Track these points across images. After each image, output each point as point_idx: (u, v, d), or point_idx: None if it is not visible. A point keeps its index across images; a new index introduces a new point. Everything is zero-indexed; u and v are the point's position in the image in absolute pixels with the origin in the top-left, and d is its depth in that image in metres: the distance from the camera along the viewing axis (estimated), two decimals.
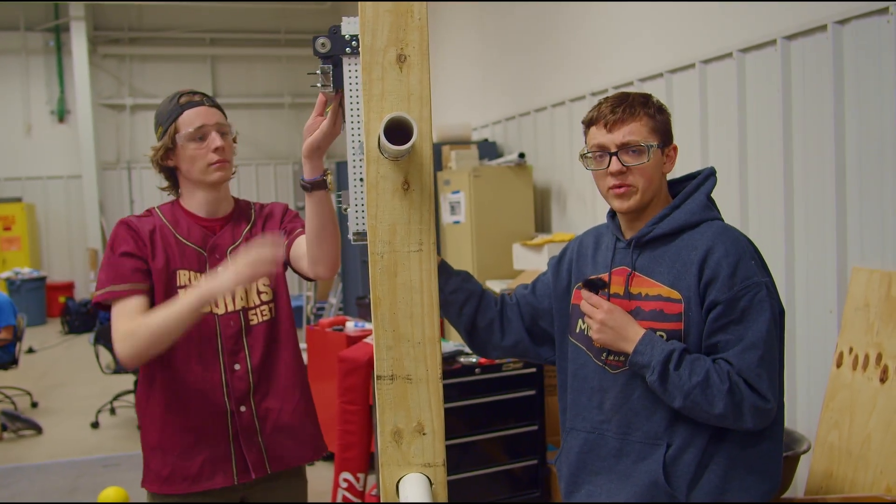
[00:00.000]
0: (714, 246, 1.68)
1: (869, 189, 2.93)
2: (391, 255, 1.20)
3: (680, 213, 1.75)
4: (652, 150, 1.72)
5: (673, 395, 1.64)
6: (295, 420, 2.12)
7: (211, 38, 13.40)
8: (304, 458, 2.15)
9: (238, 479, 2.03)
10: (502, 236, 5.59)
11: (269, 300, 2.10)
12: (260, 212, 2.19)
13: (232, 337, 2.04)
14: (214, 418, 2.03)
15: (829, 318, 3.09)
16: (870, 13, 2.88)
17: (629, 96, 1.77)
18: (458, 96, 7.95)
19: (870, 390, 2.62)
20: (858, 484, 2.57)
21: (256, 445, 2.05)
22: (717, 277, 1.65)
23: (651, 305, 1.72)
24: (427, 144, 1.20)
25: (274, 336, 2.10)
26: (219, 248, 2.08)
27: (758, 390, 1.63)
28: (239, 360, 2.05)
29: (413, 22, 1.17)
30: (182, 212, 2.11)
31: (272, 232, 2.13)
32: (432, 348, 1.21)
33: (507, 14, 6.54)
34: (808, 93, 3.21)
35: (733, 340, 1.65)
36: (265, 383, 2.08)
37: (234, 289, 1.91)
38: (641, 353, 1.67)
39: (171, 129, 2.01)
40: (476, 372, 3.49)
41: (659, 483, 1.69)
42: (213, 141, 2.02)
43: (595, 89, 5.00)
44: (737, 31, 3.63)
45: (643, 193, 1.74)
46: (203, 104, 2.03)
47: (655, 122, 1.74)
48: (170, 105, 2.04)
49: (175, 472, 2.03)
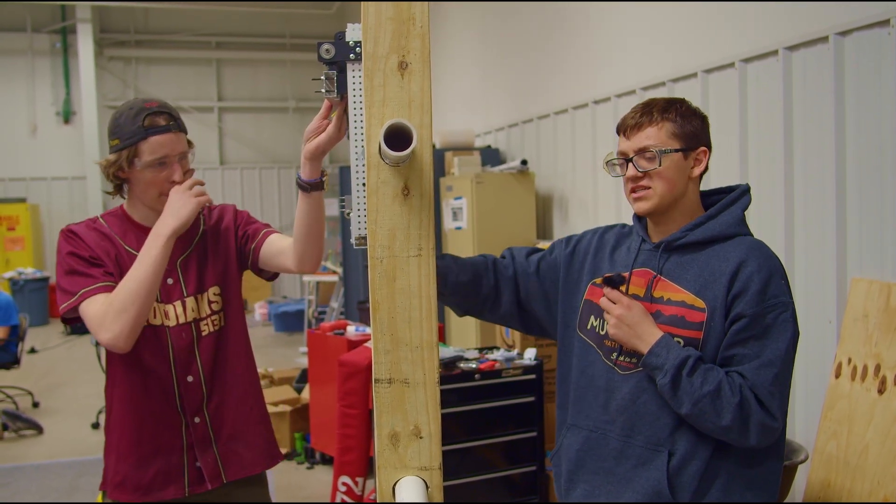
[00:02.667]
0: (747, 260, 1.68)
1: (869, 200, 2.94)
2: (390, 260, 1.21)
3: (715, 224, 1.75)
4: (666, 155, 1.73)
5: (681, 401, 1.64)
6: (249, 428, 2.10)
7: (216, 41, 13.45)
8: (260, 465, 2.13)
9: (189, 490, 2.03)
10: (504, 242, 5.59)
11: (219, 309, 2.07)
12: (209, 216, 2.13)
13: (184, 349, 2.02)
14: (168, 430, 2.02)
15: (829, 328, 3.09)
16: (871, 25, 2.89)
17: (653, 103, 1.78)
18: (461, 103, 7.97)
19: (868, 401, 2.63)
20: (856, 494, 2.58)
21: (212, 455, 2.04)
22: (747, 291, 1.65)
23: (672, 310, 1.71)
24: (427, 151, 1.21)
25: (226, 345, 2.08)
26: (168, 260, 1.96)
27: (768, 408, 1.63)
28: (191, 371, 2.03)
29: (415, 29, 1.19)
30: (128, 222, 2.04)
31: (225, 236, 2.10)
32: (430, 352, 1.22)
33: (511, 21, 6.56)
34: (809, 103, 3.22)
35: (750, 356, 1.64)
36: (218, 393, 2.06)
37: (189, 218, 1.88)
38: (657, 354, 1.67)
39: (130, 150, 1.90)
40: (475, 378, 3.49)
41: (663, 493, 1.68)
42: (173, 172, 1.95)
43: (597, 97, 5.02)
44: (739, 41, 3.65)
45: (661, 197, 1.74)
46: (170, 130, 1.92)
47: (677, 127, 1.74)
48: (133, 123, 1.90)
49: (127, 481, 2.02)
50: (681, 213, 1.78)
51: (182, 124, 2.00)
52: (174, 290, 2.03)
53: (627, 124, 1.78)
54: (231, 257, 2.11)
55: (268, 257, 2.07)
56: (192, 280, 2.05)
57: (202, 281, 2.06)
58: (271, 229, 2.13)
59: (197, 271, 2.06)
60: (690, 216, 1.78)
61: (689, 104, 1.81)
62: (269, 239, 2.08)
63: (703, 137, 1.79)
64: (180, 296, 2.03)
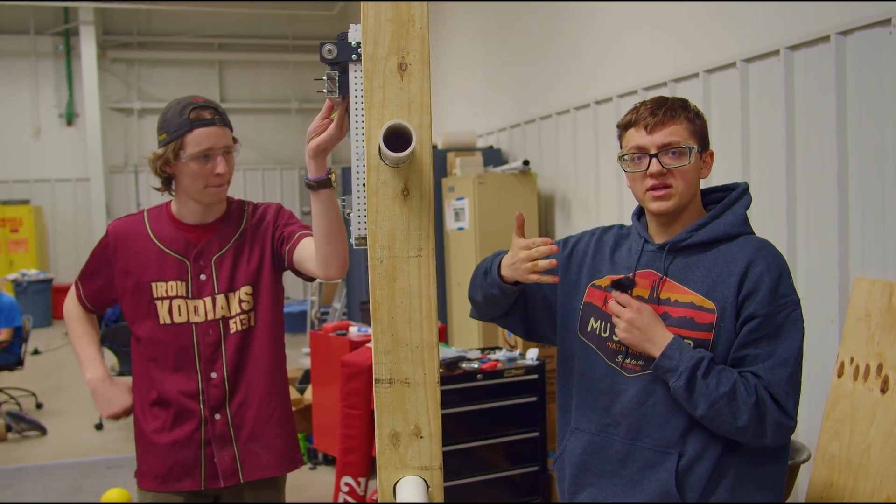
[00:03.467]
0: (756, 259, 1.67)
1: (871, 199, 2.94)
2: (390, 261, 1.22)
3: (720, 224, 1.74)
4: (693, 153, 1.71)
5: (697, 403, 1.63)
6: (270, 430, 2.12)
7: (219, 43, 13.47)
8: (279, 469, 2.14)
9: (206, 485, 2.06)
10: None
11: (250, 309, 2.10)
12: (253, 214, 2.17)
13: (210, 345, 2.06)
14: (188, 424, 2.06)
15: (831, 328, 3.09)
16: (872, 24, 2.89)
17: (668, 100, 1.76)
18: (463, 103, 7.97)
19: (870, 400, 2.62)
20: (858, 494, 2.57)
21: (230, 453, 2.07)
22: (758, 291, 1.64)
23: (681, 312, 1.70)
24: (427, 152, 1.21)
25: (252, 345, 2.10)
26: (204, 256, 2.09)
27: (784, 407, 1.62)
28: (216, 368, 2.06)
29: (414, 31, 1.19)
30: (168, 218, 2.12)
31: (262, 236, 2.13)
32: (430, 353, 1.22)
33: (512, 22, 6.57)
34: (811, 103, 3.22)
35: (763, 355, 1.63)
36: (242, 392, 2.09)
37: (108, 416, 2.16)
38: (669, 357, 1.65)
39: (176, 143, 1.98)
40: (477, 378, 3.49)
41: (671, 493, 1.67)
42: (217, 165, 2.02)
43: (599, 97, 5.02)
44: (740, 41, 3.65)
45: (682, 196, 1.72)
46: (214, 123, 2.01)
47: (694, 126, 1.74)
48: (179, 117, 1.99)
49: (148, 470, 2.10)
50: (688, 214, 1.77)
51: (227, 120, 2.07)
52: (206, 285, 2.08)
53: (647, 119, 1.72)
54: (266, 258, 2.12)
55: (299, 261, 2.08)
56: (224, 277, 2.08)
57: (234, 279, 2.09)
58: (307, 232, 2.10)
59: (231, 269, 2.09)
60: (697, 216, 1.77)
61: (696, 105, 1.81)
62: (302, 242, 2.08)
63: (707, 138, 1.79)
64: (211, 292, 2.08)
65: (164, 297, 2.06)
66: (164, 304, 2.07)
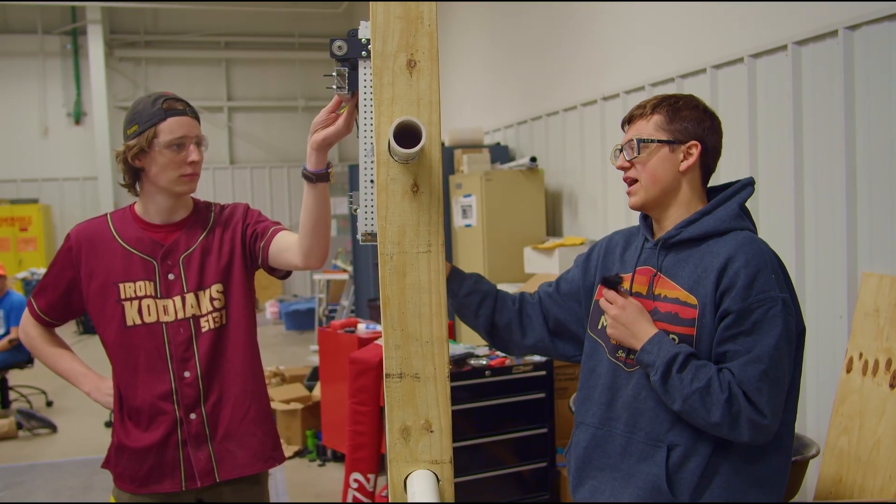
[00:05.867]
0: (735, 255, 1.67)
1: (879, 194, 2.93)
2: (400, 256, 1.23)
3: (709, 220, 1.75)
4: (644, 145, 1.75)
5: (672, 398, 1.66)
6: (245, 428, 2.11)
7: (226, 41, 13.50)
8: (256, 467, 2.13)
9: (186, 485, 2.06)
10: (513, 240, 5.60)
11: (221, 307, 2.09)
12: (219, 215, 2.16)
13: (181, 344, 2.05)
14: (163, 425, 2.05)
15: (839, 323, 3.09)
16: (880, 19, 2.88)
17: (654, 98, 1.82)
18: (471, 100, 7.97)
19: (879, 395, 2.62)
20: (867, 489, 2.57)
21: (206, 453, 2.07)
22: (734, 287, 1.65)
23: (667, 307, 1.73)
24: (436, 148, 1.22)
25: (226, 343, 2.09)
26: (171, 256, 2.08)
27: (755, 404, 1.61)
28: (189, 367, 2.05)
29: (423, 28, 1.20)
30: (133, 219, 2.11)
31: (232, 234, 2.13)
32: (440, 347, 1.23)
33: (519, 20, 6.56)
34: (819, 97, 3.21)
35: (741, 352, 1.64)
36: (216, 391, 2.08)
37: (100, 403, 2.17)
38: (648, 351, 1.69)
39: (149, 132, 1.99)
40: (486, 374, 3.50)
41: (661, 489, 1.69)
42: (190, 153, 2.02)
43: (606, 93, 5.02)
44: (748, 36, 3.64)
45: (647, 190, 1.77)
46: (186, 114, 2.03)
47: (666, 120, 1.76)
48: (151, 107, 2.01)
49: (125, 472, 2.08)
50: (677, 210, 1.79)
51: (196, 114, 2.09)
52: (175, 285, 2.06)
53: (625, 118, 1.85)
54: (237, 256, 2.12)
55: (276, 254, 2.08)
56: (193, 276, 2.07)
57: (204, 277, 2.08)
58: (280, 227, 2.14)
59: (199, 267, 2.08)
60: (687, 212, 1.79)
61: (694, 100, 1.81)
62: (278, 236, 2.09)
63: (698, 132, 1.77)
64: (180, 291, 2.07)
65: (133, 297, 2.05)
66: (132, 305, 2.05)
